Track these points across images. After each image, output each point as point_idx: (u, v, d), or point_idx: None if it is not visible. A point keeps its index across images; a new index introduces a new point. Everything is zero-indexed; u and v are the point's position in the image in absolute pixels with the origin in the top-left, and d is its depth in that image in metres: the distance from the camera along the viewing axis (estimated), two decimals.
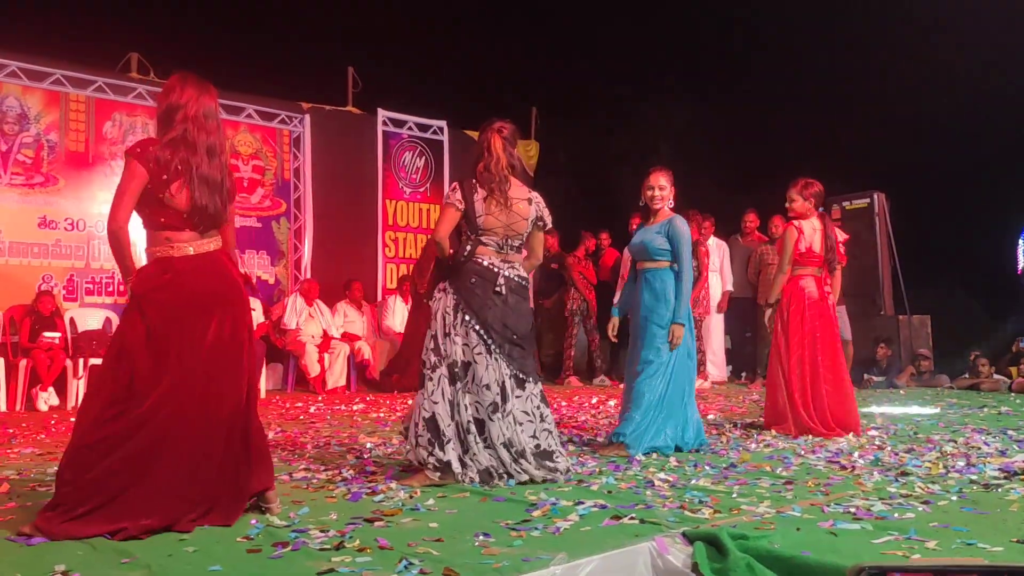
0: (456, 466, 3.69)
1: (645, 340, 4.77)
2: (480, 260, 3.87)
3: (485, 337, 3.81)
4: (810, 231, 5.44)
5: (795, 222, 5.50)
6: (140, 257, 3.19)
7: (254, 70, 10.06)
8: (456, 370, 3.79)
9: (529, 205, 3.97)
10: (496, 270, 3.88)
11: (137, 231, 3.11)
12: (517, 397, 3.85)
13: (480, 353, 3.80)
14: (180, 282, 3.08)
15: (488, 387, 3.78)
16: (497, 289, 3.86)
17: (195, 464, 3.01)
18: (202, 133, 3.14)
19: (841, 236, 5.63)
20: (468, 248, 3.86)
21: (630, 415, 4.66)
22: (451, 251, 3.93)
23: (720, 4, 12.27)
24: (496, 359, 3.81)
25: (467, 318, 3.80)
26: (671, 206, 4.87)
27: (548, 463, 3.83)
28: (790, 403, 5.29)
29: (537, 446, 3.84)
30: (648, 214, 4.91)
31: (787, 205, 5.60)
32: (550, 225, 4.10)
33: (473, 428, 3.75)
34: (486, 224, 3.87)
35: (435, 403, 3.75)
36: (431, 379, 3.80)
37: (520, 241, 3.98)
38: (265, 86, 9.96)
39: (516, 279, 3.93)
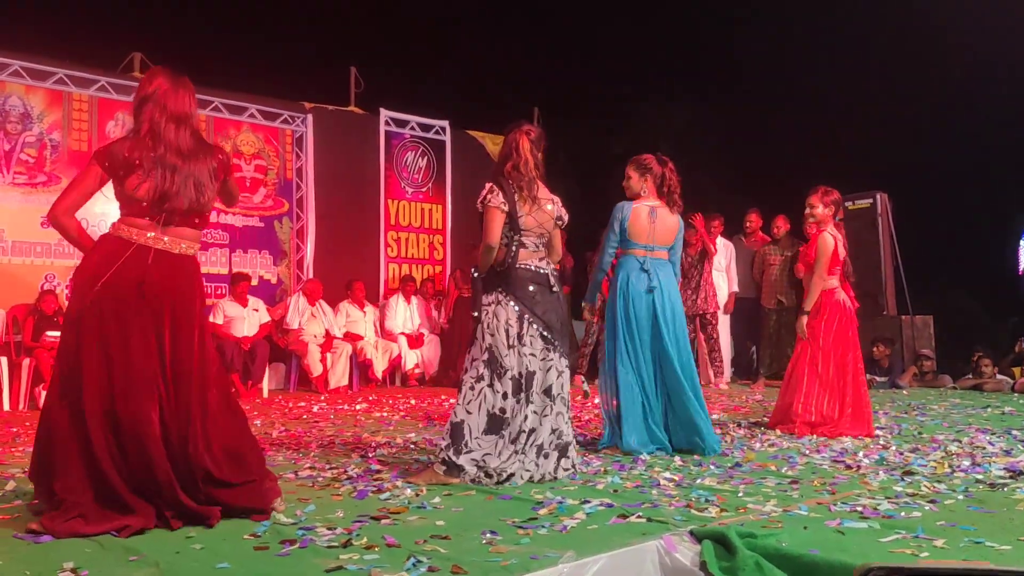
0: (469, 471, 3.68)
1: None
2: (528, 265, 3.89)
3: (551, 338, 3.86)
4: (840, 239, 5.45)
5: (828, 230, 5.41)
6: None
7: (257, 70, 10.10)
8: (521, 381, 3.79)
9: (553, 206, 4.01)
10: (544, 271, 3.94)
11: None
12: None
13: (545, 359, 3.85)
14: (92, 267, 3.05)
15: (547, 390, 3.84)
16: (554, 289, 3.94)
17: (147, 469, 2.94)
18: (169, 124, 3.11)
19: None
20: (513, 250, 3.86)
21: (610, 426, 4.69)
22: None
23: (720, 5, 12.28)
24: (559, 357, 3.89)
25: (535, 326, 3.83)
26: (641, 193, 4.77)
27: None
28: (828, 406, 5.26)
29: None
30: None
31: (807, 212, 5.51)
32: (566, 222, 4.13)
33: (523, 440, 3.75)
34: (526, 224, 3.89)
35: (469, 413, 3.75)
36: (472, 389, 3.78)
37: (546, 240, 4.01)
38: (268, 86, 9.97)
39: (555, 275, 4.02)
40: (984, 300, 11.21)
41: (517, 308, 3.82)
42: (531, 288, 3.86)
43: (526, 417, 3.77)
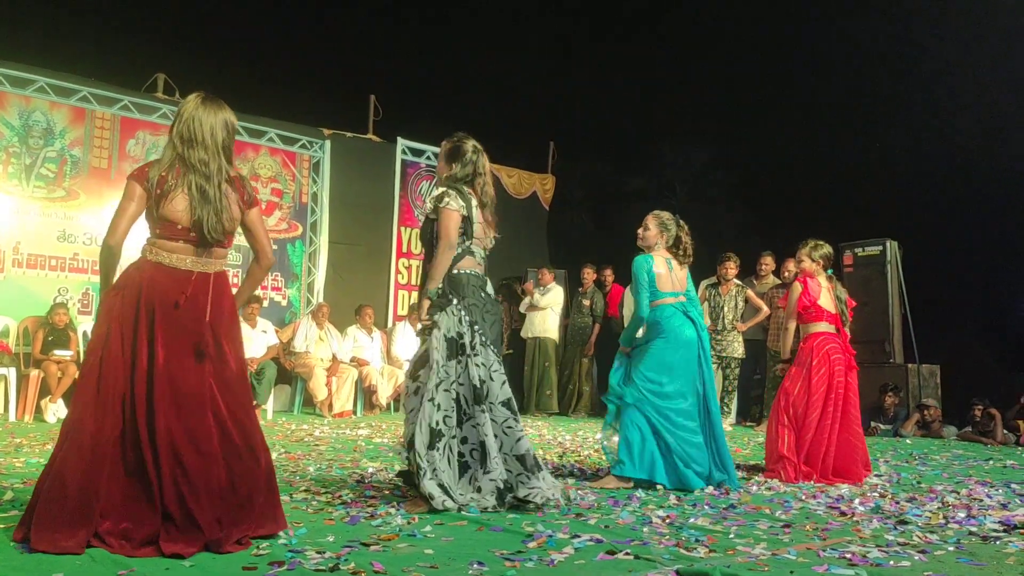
0: (439, 497, 3.66)
1: None
2: (475, 272, 3.90)
3: (496, 350, 3.87)
4: (815, 287, 5.48)
5: (800, 277, 5.54)
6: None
7: (277, 95, 10.24)
8: (473, 394, 3.77)
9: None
10: (486, 280, 3.96)
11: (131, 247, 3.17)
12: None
13: (496, 370, 3.84)
14: (135, 288, 3.05)
15: (507, 402, 3.83)
16: (495, 299, 3.98)
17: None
18: (198, 150, 3.11)
19: (846, 298, 5.68)
20: (460, 254, 3.85)
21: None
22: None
23: (742, 49, 12.40)
24: (501, 370, 3.89)
25: (483, 336, 3.81)
26: (655, 247, 4.93)
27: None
28: (796, 448, 5.26)
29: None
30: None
31: (796, 265, 5.71)
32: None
33: (493, 453, 3.76)
34: (477, 232, 3.93)
35: (421, 431, 3.72)
36: (420, 406, 3.76)
37: (486, 256, 4.03)
38: (287, 111, 10.12)
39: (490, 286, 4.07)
40: (995, 351, 11.13)
41: (468, 318, 3.78)
42: (482, 295, 3.86)
43: (490, 433, 3.74)
